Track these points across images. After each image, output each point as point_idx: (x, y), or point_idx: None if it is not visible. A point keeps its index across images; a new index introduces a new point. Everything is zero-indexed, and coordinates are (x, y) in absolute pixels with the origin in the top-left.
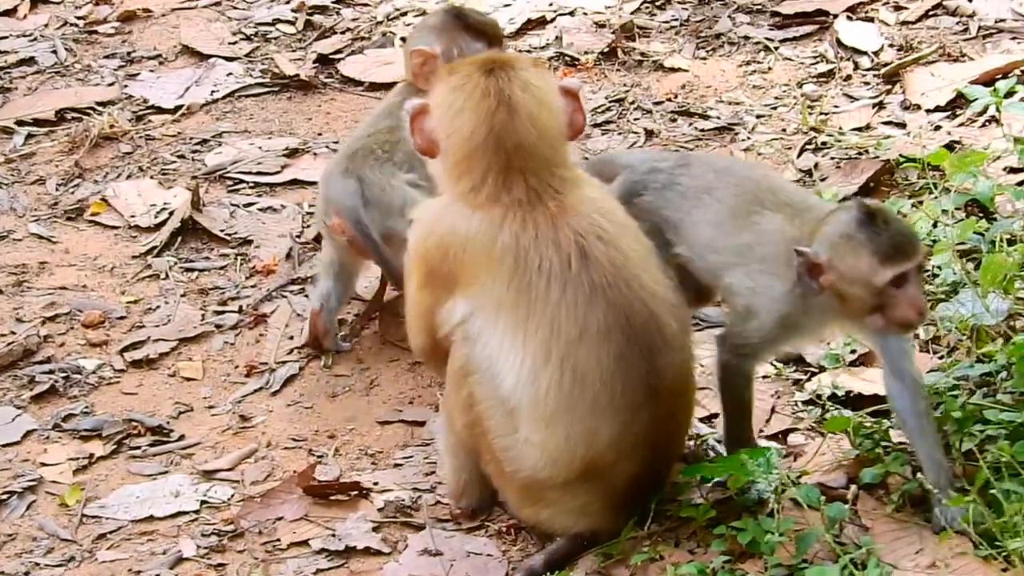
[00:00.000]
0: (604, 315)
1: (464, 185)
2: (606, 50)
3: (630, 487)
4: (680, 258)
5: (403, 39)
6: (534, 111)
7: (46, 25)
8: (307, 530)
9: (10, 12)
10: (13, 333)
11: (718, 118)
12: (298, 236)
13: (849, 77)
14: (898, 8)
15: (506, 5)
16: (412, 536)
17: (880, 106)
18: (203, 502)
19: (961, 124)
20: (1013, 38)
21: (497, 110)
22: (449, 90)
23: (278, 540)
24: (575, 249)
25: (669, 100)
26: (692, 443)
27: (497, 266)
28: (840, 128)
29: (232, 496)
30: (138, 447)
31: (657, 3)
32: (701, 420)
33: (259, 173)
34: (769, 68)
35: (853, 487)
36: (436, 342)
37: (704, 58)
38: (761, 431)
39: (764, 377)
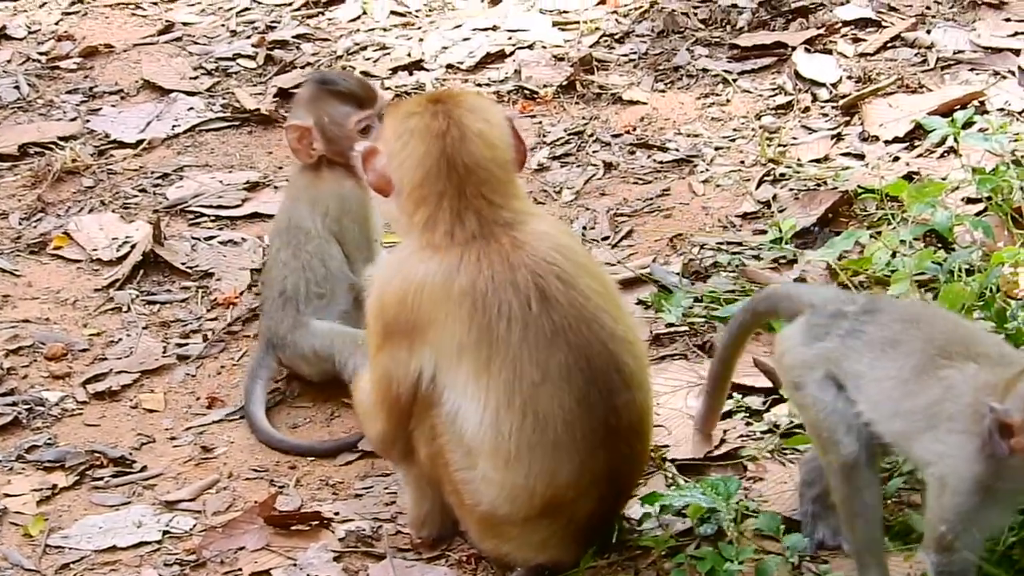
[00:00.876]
0: (565, 357)
1: (420, 216)
2: (565, 83)
3: (589, 521)
4: (863, 417)
5: (363, 73)
6: (484, 130)
7: (9, 61)
8: (269, 560)
9: None
10: None
11: (677, 150)
12: (258, 269)
13: (807, 109)
14: (856, 40)
15: (465, 39)
16: (373, 566)
17: (838, 137)
18: (165, 532)
19: (919, 155)
20: (971, 69)
21: (448, 131)
22: (398, 120)
23: (240, 570)
24: (534, 291)
25: (628, 132)
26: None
27: (456, 309)
28: (799, 160)
29: (194, 526)
30: (101, 478)
31: (616, 36)
32: (658, 447)
33: (220, 207)
34: (727, 100)
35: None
36: (398, 422)
37: (663, 91)
38: (719, 461)
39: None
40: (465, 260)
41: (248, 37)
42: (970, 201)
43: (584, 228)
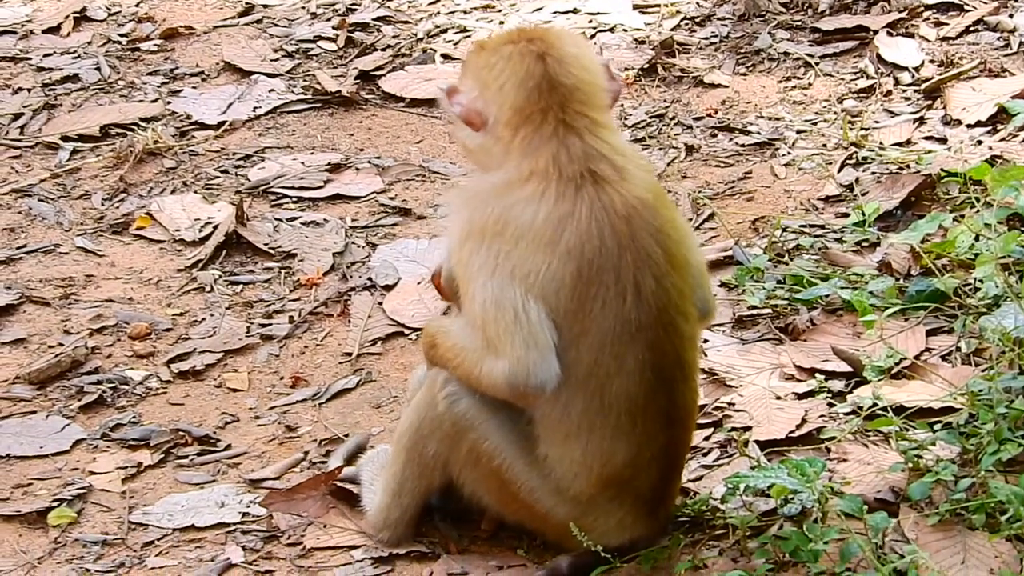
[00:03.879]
0: (643, 354)
1: (521, 139)
2: (646, 66)
3: (654, 493)
4: None
5: (443, 56)
6: (581, 54)
7: (89, 43)
8: (349, 537)
9: (54, 30)
10: (61, 345)
11: (759, 133)
12: (340, 251)
13: (890, 92)
14: (938, 24)
15: (546, 22)
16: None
17: (921, 121)
18: (246, 514)
19: (1002, 139)
20: None
21: (547, 57)
22: (488, 53)
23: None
24: (631, 284)
25: (709, 116)
26: (733, 448)
27: (560, 266)
28: (881, 143)
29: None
30: (185, 456)
31: (697, 20)
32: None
33: (302, 188)
34: (809, 84)
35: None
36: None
37: (744, 74)
38: (801, 442)
39: (802, 395)
40: (577, 212)
41: (328, 19)
42: None
43: None
